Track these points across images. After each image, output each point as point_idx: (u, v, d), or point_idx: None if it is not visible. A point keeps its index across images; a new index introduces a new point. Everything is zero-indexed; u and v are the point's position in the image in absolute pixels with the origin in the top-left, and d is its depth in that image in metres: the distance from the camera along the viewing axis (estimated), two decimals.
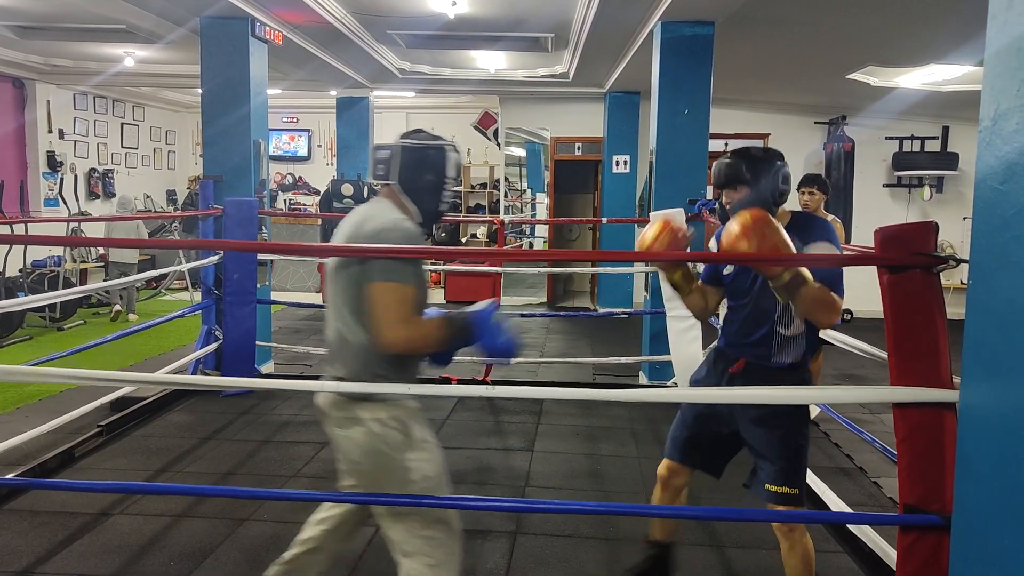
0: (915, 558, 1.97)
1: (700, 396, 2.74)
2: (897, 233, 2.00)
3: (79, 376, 2.44)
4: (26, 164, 10.28)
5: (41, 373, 3.13)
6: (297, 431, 4.95)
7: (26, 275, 8.37)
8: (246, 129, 6.02)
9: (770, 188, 2.48)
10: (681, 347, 5.43)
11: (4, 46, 8.69)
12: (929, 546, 1.94)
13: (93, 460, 4.41)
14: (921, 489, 1.96)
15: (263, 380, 4.61)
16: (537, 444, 4.78)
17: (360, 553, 3.31)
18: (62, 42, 8.52)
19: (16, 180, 9.56)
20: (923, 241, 1.97)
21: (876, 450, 4.35)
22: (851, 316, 9.54)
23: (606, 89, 9.61)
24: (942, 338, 1.97)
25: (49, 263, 8.93)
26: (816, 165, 9.58)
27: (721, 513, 3.52)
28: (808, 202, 5.21)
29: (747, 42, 6.54)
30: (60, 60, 9.62)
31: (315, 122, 13.24)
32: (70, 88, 10.70)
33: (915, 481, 1.98)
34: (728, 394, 2.59)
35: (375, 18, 6.89)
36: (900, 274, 1.98)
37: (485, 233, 12.20)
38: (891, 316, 2.00)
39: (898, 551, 2.02)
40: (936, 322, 1.97)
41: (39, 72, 9.85)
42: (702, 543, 3.48)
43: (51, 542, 3.36)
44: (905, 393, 1.98)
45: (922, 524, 1.95)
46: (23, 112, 10.17)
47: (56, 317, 8.24)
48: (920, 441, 1.97)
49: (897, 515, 2.02)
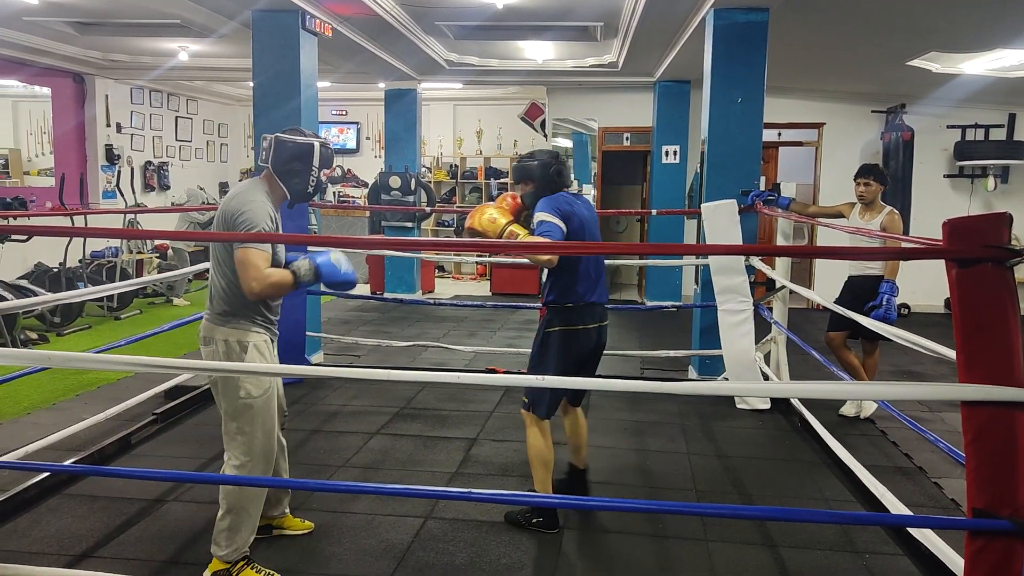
0: (984, 564, 1.88)
1: (754, 390, 2.67)
2: (967, 225, 1.90)
3: (138, 363, 2.47)
4: (86, 157, 10.56)
5: (102, 360, 3.21)
6: (346, 421, 4.98)
7: (85, 266, 8.60)
8: (296, 122, 6.06)
9: (546, 181, 3.48)
10: (733, 341, 5.33)
11: (65, 42, 8.92)
12: (999, 552, 1.85)
13: (148, 447, 4.50)
14: (991, 492, 1.87)
15: (314, 368, 4.63)
16: None
17: (408, 544, 3.31)
18: (120, 37, 8.71)
19: (76, 173, 9.82)
20: (995, 233, 1.86)
21: (938, 449, 4.20)
22: (908, 311, 9.27)
23: (656, 78, 9.48)
24: (1015, 335, 1.87)
25: (107, 254, 9.17)
26: (873, 155, 9.31)
27: (775, 513, 3.43)
28: (864, 193, 5.05)
29: (803, 28, 6.37)
30: (118, 55, 9.84)
31: (364, 115, 13.32)
32: (127, 83, 10.95)
33: (984, 484, 1.88)
34: (780, 388, 2.52)
35: (424, 9, 6.88)
36: (970, 268, 1.89)
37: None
38: (960, 311, 1.91)
39: (966, 557, 1.93)
40: (1009, 318, 1.87)
41: (98, 67, 10.08)
42: (755, 542, 3.41)
43: (108, 527, 3.44)
44: (974, 391, 1.88)
45: (992, 529, 1.86)
46: (83, 107, 10.45)
47: (113, 307, 8.45)
48: (990, 442, 1.87)
49: (964, 519, 1.93)
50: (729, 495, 3.98)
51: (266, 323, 2.99)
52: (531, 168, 3.53)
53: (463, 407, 5.30)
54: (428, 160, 12.66)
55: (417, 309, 9.30)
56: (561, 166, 3.54)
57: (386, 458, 4.38)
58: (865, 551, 3.34)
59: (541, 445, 3.46)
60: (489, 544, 3.35)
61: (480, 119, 12.70)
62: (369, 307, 9.53)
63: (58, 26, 7.96)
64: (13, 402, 5.20)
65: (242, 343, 2.90)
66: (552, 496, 3.45)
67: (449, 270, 12.73)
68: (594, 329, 3.54)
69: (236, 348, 2.89)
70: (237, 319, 2.90)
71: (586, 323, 3.50)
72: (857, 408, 5.18)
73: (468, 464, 4.29)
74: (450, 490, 3.41)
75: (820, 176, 9.68)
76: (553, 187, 3.49)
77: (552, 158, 3.54)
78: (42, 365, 3.89)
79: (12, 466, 3.43)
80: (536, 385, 3.33)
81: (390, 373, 2.37)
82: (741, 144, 5.71)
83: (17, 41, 8.35)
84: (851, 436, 4.72)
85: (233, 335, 2.89)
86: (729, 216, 5.36)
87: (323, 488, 3.67)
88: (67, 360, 2.43)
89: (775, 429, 4.99)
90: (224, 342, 2.89)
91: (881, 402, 4.81)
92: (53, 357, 2.44)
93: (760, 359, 5.42)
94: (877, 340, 5.10)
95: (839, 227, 4.61)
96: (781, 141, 9.85)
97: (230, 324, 2.89)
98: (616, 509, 3.70)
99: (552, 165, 3.50)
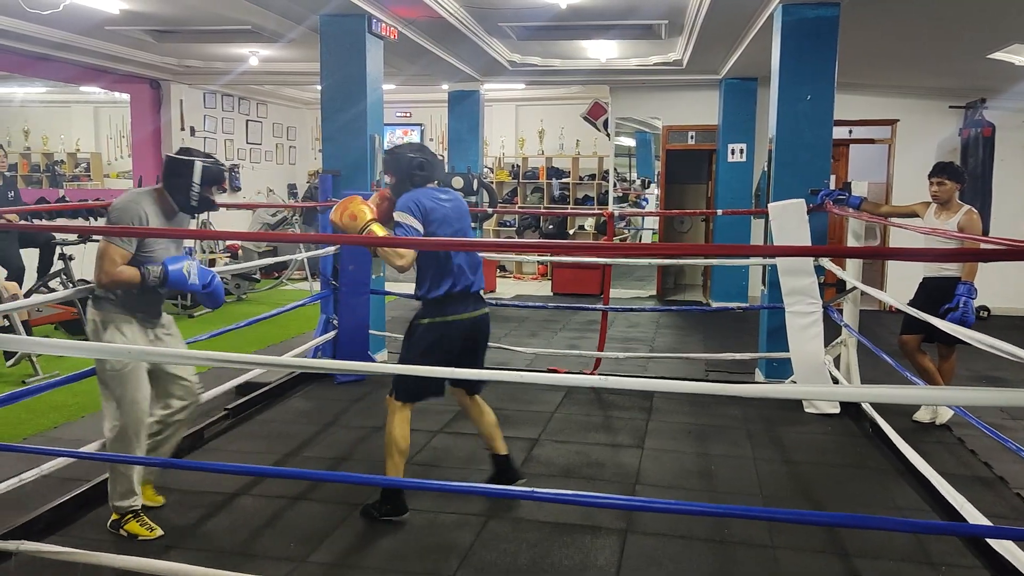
0: None
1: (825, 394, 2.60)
2: None
3: (213, 359, 2.54)
4: (162, 160, 10.93)
5: (180, 356, 3.34)
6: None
7: None
8: (363, 124, 6.17)
9: (408, 175, 3.51)
10: (801, 344, 5.21)
11: (143, 49, 9.27)
12: None
13: (220, 442, 4.64)
14: None
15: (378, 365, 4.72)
16: (647, 441, 4.69)
17: (471, 544, 3.33)
18: (194, 44, 9.02)
19: (153, 175, 10.19)
20: None
21: (1020, 460, 4.01)
22: (988, 314, 8.91)
23: (721, 76, 9.32)
24: None
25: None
26: (950, 152, 8.96)
27: (845, 520, 3.34)
28: (938, 193, 4.86)
29: (876, 22, 6.18)
30: (192, 61, 10.18)
31: (427, 116, 13.47)
32: (200, 87, 11.31)
33: None
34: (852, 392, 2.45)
35: (487, 11, 6.92)
36: None
37: (593, 225, 12.09)
38: None
39: None
40: None
41: (173, 73, 10.44)
42: (824, 550, 3.32)
43: (183, 518, 3.55)
44: None
45: None
46: (159, 111, 10.83)
47: (187, 305, 8.73)
48: None
49: None
50: (797, 501, 3.89)
51: (133, 308, 3.33)
52: (391, 161, 3.55)
53: (525, 407, 5.31)
54: (490, 160, 12.72)
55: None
56: (425, 159, 3.52)
57: (448, 456, 4.42)
58: (941, 562, 3.22)
59: (397, 433, 3.52)
60: (552, 545, 3.35)
61: (542, 119, 12.70)
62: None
63: (137, 34, 8.29)
64: (95, 396, 5.36)
65: (104, 323, 3.30)
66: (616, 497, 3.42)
67: (511, 270, 12.77)
68: (467, 320, 3.56)
69: (100, 327, 3.31)
70: (101, 302, 3.31)
71: (458, 313, 3.53)
72: (932, 414, 5.01)
73: (530, 464, 4.29)
74: (513, 489, 3.42)
75: (893, 174, 9.37)
76: (416, 181, 3.50)
77: (416, 150, 3.53)
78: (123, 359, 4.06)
79: (96, 457, 3.57)
80: (597, 386, 3.31)
81: (452, 372, 2.39)
82: (810, 142, 5.57)
83: (99, 49, 8.72)
84: (926, 443, 4.56)
85: (98, 315, 3.31)
86: (797, 216, 5.24)
87: (387, 484, 3.71)
88: (146, 355, 2.54)
89: (845, 434, 4.85)
90: (92, 321, 3.33)
91: (958, 408, 4.63)
92: (133, 351, 2.54)
93: (829, 362, 5.28)
94: (954, 344, 4.91)
95: (913, 227, 4.46)
96: (852, 139, 9.58)
97: (97, 306, 3.32)
98: (680, 512, 3.64)
99: (415, 158, 3.50)
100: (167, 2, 6.87)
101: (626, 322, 8.72)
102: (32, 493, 3.49)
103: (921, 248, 4.65)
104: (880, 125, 9.41)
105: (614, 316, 8.67)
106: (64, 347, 2.78)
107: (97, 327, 3.31)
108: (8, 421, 4.81)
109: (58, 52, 8.54)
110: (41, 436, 4.70)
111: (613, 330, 8.02)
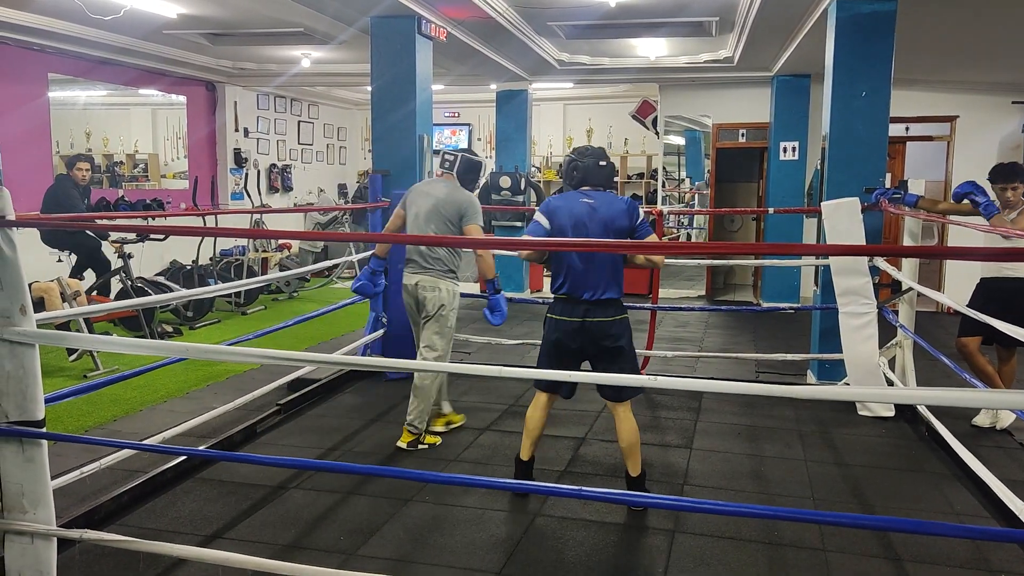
0: None
1: (879, 396, 2.55)
2: None
3: (267, 356, 2.59)
4: (216, 161, 11.21)
5: (234, 352, 3.40)
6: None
7: (216, 263, 9.11)
8: (412, 124, 6.24)
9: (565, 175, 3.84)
10: (855, 345, 5.11)
11: (199, 52, 9.52)
12: None
13: (272, 436, 4.73)
14: None
15: (426, 363, 4.76)
16: (696, 442, 4.65)
17: (518, 540, 3.35)
18: (248, 47, 9.21)
19: (208, 176, 10.44)
20: None
21: None
22: None
23: (773, 73, 9.19)
24: None
25: (235, 252, 9.69)
26: (1013, 148, 8.69)
27: (900, 524, 3.26)
28: (1012, 198, 4.69)
29: (935, 16, 6.02)
30: (246, 63, 10.41)
31: (475, 116, 13.53)
32: (254, 89, 11.55)
33: None
34: (908, 395, 2.40)
35: (536, 10, 6.93)
36: None
37: None
38: None
39: None
40: None
41: (228, 75, 10.69)
42: (878, 555, 3.26)
43: (236, 511, 3.64)
44: None
45: None
46: (214, 113, 11.10)
47: (240, 302, 8.92)
48: None
49: None
50: (849, 505, 3.82)
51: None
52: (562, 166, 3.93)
53: (571, 406, 5.29)
54: (538, 160, 12.73)
55: (525, 308, 9.34)
56: (577, 164, 3.73)
57: (495, 454, 4.44)
58: (1000, 570, 3.13)
59: (527, 413, 3.85)
60: (599, 544, 3.34)
61: (590, 118, 12.66)
62: (478, 304, 9.65)
63: (193, 38, 8.51)
64: (152, 391, 5.57)
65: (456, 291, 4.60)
66: (664, 497, 3.40)
67: None
68: (577, 323, 3.61)
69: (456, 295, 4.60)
70: (456, 276, 4.56)
71: (569, 315, 3.62)
72: (992, 418, 4.86)
73: (577, 463, 4.29)
74: (561, 487, 3.41)
75: (952, 172, 9.12)
76: (571, 183, 3.77)
77: (579, 155, 3.77)
78: (181, 356, 4.17)
79: (155, 449, 3.68)
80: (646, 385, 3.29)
81: (501, 370, 2.40)
82: (865, 140, 5.45)
83: (157, 53, 8.98)
84: (985, 448, 4.43)
85: (455, 287, 4.62)
86: (851, 215, 5.13)
87: (436, 480, 3.74)
88: (203, 352, 2.61)
89: (900, 438, 4.74)
90: (449, 291, 4.53)
91: (1020, 412, 4.49)
92: (190, 348, 2.61)
93: (884, 364, 5.17)
94: (1015, 347, 4.77)
95: (972, 225, 4.33)
96: (909, 136, 9.35)
97: (454, 279, 4.60)
98: (730, 514, 3.59)
99: (571, 162, 3.78)
100: (223, 6, 7.03)
101: (674, 322, 8.64)
102: (93, 484, 3.61)
103: (980, 248, 4.51)
104: (939, 122, 9.16)
105: (663, 316, 8.61)
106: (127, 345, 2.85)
107: (455, 294, 4.57)
108: (71, 414, 4.99)
109: (118, 56, 8.82)
110: (101, 429, 4.85)
111: (662, 330, 7.96)
